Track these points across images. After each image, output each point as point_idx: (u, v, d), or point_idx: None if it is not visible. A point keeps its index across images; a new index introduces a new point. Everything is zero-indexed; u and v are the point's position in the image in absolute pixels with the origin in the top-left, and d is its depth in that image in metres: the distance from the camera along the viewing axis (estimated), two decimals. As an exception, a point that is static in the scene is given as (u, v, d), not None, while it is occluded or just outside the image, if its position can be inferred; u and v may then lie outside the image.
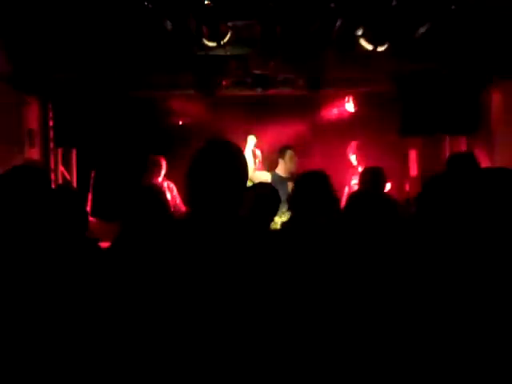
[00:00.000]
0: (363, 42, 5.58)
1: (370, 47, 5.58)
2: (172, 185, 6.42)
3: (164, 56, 5.92)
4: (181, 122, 8.09)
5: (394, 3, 4.97)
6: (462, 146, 6.94)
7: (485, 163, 6.40)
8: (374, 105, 7.28)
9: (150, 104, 7.32)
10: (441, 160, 6.96)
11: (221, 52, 5.86)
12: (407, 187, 7.54)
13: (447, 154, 7.03)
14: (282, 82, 6.64)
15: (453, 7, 5.10)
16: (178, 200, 6.30)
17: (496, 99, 6.55)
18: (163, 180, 6.41)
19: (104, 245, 3.09)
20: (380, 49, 5.59)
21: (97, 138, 6.32)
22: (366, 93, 7.16)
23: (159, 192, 4.00)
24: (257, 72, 6.27)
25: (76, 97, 6.24)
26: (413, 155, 7.65)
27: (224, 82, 6.68)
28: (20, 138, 5.96)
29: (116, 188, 6.43)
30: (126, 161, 6.98)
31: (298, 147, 6.79)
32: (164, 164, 6.45)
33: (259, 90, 6.52)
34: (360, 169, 6.95)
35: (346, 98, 7.67)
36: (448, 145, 7.14)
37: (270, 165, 6.70)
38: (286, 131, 7.66)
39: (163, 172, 6.43)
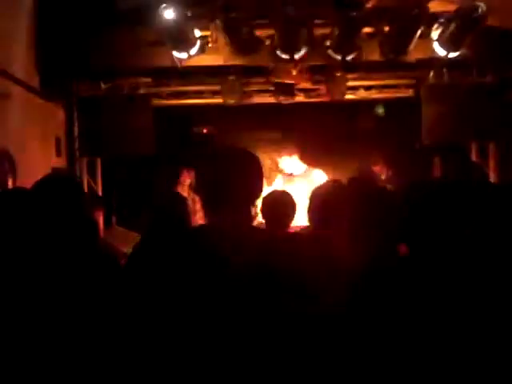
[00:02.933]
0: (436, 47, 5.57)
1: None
2: (197, 198, 6.43)
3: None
4: (205, 131, 8.15)
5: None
6: (490, 154, 6.86)
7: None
8: (398, 112, 7.25)
9: (175, 112, 7.38)
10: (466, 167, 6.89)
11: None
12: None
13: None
14: (304, 90, 6.66)
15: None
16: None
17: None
18: (189, 191, 6.43)
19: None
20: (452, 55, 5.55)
21: (122, 148, 6.38)
22: (390, 100, 7.12)
23: (181, 201, 4.04)
24: (279, 81, 6.29)
25: (101, 106, 6.32)
26: (437, 162, 7.58)
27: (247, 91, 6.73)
28: (47, 147, 6.06)
29: (141, 198, 6.48)
30: (151, 171, 7.05)
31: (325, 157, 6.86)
32: (190, 175, 6.48)
33: (283, 99, 6.55)
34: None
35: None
36: (474, 154, 7.06)
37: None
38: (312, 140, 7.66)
39: (188, 183, 6.49)
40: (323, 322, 1.94)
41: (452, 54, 5.52)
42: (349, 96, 6.66)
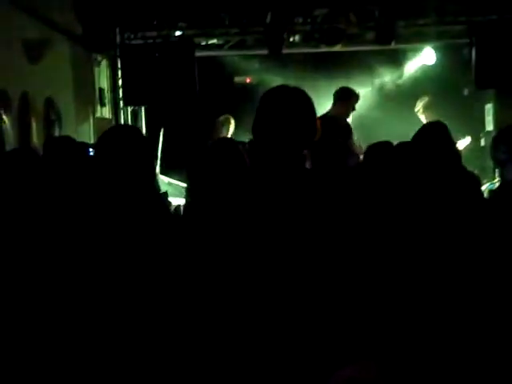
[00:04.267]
0: None
1: None
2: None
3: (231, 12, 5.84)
4: (248, 81, 8.03)
5: None
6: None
7: None
8: (448, 58, 6.99)
9: (217, 63, 7.29)
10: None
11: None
12: (483, 142, 7.23)
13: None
14: (349, 36, 6.43)
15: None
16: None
17: None
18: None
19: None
20: None
21: (165, 97, 6.33)
22: (440, 46, 6.85)
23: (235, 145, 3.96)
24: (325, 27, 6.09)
25: (144, 55, 6.25)
26: (488, 109, 7.32)
27: (291, 39, 6.55)
28: (92, 97, 6.05)
29: (185, 146, 6.45)
30: (194, 119, 7.00)
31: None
32: (233, 122, 6.41)
33: (324, 47, 6.35)
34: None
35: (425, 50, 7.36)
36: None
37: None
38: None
39: (232, 131, 6.40)
40: None
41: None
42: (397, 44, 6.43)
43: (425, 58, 7.28)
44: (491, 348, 1.74)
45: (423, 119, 6.84)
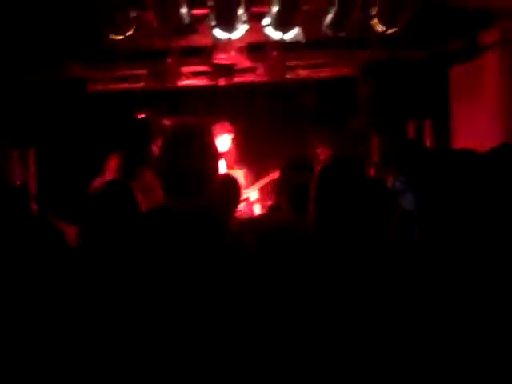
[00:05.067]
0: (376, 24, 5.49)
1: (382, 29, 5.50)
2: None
3: (124, 49, 5.78)
4: (143, 116, 7.95)
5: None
6: (425, 130, 6.99)
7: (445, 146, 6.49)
8: (335, 92, 7.27)
9: (107, 99, 7.17)
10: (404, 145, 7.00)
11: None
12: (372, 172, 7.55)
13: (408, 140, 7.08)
14: (243, 70, 6.57)
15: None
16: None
17: (455, 85, 6.62)
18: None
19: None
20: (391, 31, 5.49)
21: (55, 138, 6.15)
22: (328, 81, 7.12)
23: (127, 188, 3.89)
24: (218, 62, 6.17)
25: (30, 95, 6.05)
26: (375, 141, 7.67)
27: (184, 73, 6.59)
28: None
29: (76, 188, 6.26)
30: (86, 160, 6.82)
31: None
32: (118, 159, 6.33)
33: (222, 80, 6.45)
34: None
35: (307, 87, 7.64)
36: (411, 130, 7.17)
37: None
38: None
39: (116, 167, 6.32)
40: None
41: (390, 31, 5.51)
42: (287, 75, 6.62)
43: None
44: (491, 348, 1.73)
45: (319, 152, 7.10)
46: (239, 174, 6.08)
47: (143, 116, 7.83)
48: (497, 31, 5.73)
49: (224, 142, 6.33)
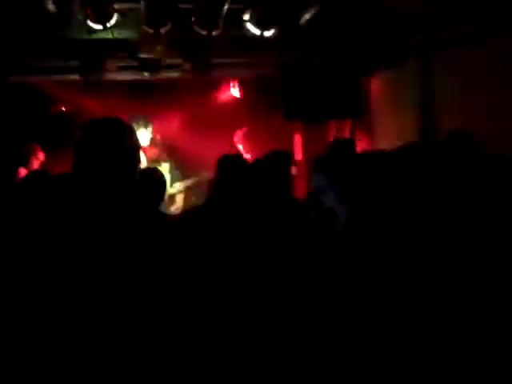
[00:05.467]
0: (250, 27, 5.65)
1: (257, 32, 5.65)
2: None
3: (47, 40, 5.68)
4: (64, 109, 7.82)
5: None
6: (346, 130, 7.22)
7: (365, 147, 6.75)
8: (260, 91, 7.40)
9: (31, 90, 7.02)
10: (324, 144, 7.23)
11: (106, 35, 5.70)
12: (294, 170, 7.72)
13: (331, 138, 7.32)
14: (168, 66, 6.58)
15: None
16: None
17: (375, 87, 6.90)
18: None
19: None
20: (267, 34, 5.66)
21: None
22: (252, 79, 7.24)
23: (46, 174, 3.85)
24: (143, 56, 6.16)
25: None
26: (298, 139, 7.86)
27: (109, 67, 6.53)
28: None
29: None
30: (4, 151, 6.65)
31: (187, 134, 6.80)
32: (41, 153, 6.24)
33: (146, 75, 6.44)
34: (248, 156, 7.08)
35: (232, 84, 7.75)
36: (332, 129, 7.40)
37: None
38: (173, 117, 7.66)
39: (40, 161, 6.22)
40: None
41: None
42: (212, 72, 6.69)
43: (232, 90, 7.69)
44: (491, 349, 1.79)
45: (241, 148, 7.22)
46: (164, 168, 6.11)
47: (64, 110, 7.73)
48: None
49: (142, 136, 6.35)
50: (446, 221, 1.95)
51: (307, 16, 5.53)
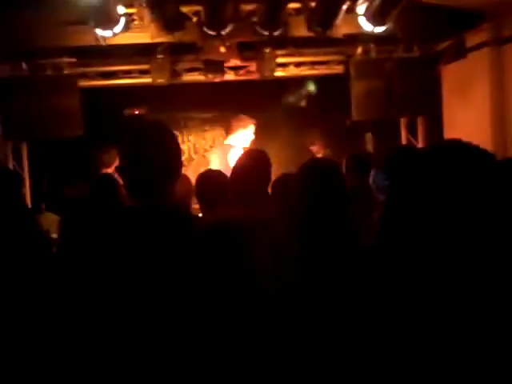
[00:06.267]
0: (362, 21, 5.51)
1: (368, 28, 5.52)
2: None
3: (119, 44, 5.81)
4: (137, 112, 7.99)
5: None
6: (418, 128, 6.99)
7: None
8: (328, 90, 7.27)
9: (105, 94, 7.21)
10: (397, 142, 7.03)
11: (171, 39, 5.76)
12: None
13: (403, 136, 7.10)
14: (233, 67, 6.59)
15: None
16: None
17: (447, 81, 6.62)
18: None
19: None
20: (378, 30, 5.51)
21: (48, 131, 6.17)
22: (321, 77, 7.12)
23: (113, 181, 3.94)
24: (208, 58, 6.19)
25: (24, 88, 6.08)
26: (369, 138, 7.68)
27: (177, 69, 6.62)
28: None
29: (69, 180, 6.31)
30: (81, 152, 6.86)
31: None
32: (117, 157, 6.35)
33: (211, 77, 6.47)
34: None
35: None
36: (404, 128, 7.17)
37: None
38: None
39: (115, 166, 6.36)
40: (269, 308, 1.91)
41: (378, 29, 5.52)
42: (279, 73, 6.63)
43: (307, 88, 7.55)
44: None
45: (314, 150, 7.14)
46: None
47: (138, 113, 7.89)
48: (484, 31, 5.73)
49: (245, 136, 6.15)
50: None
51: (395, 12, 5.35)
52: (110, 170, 6.26)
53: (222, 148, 6.10)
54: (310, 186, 2.41)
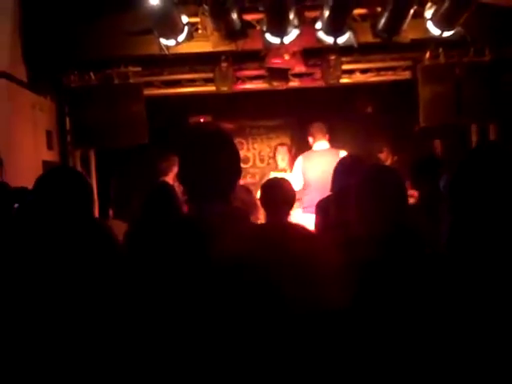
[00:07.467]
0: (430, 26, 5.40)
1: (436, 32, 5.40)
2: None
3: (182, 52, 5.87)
4: (202, 120, 8.06)
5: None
6: (489, 135, 6.72)
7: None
8: (396, 95, 7.11)
9: (171, 102, 7.29)
10: (467, 149, 6.78)
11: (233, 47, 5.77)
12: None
13: (473, 143, 6.84)
14: (298, 74, 6.53)
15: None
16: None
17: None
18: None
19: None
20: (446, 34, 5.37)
21: (115, 139, 6.30)
22: (386, 84, 6.96)
23: (170, 190, 3.95)
24: (272, 66, 6.16)
25: (92, 97, 6.24)
26: (437, 145, 7.45)
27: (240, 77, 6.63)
28: (38, 141, 5.97)
29: (136, 188, 6.39)
30: (146, 160, 6.95)
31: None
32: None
33: (277, 84, 6.44)
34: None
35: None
36: (474, 134, 6.91)
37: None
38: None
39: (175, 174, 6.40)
40: (323, 319, 1.85)
41: (446, 33, 5.35)
42: (344, 80, 6.53)
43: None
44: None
45: (382, 157, 7.01)
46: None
47: (204, 120, 7.95)
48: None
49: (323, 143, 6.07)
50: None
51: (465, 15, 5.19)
52: (167, 178, 6.31)
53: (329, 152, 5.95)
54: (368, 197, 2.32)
